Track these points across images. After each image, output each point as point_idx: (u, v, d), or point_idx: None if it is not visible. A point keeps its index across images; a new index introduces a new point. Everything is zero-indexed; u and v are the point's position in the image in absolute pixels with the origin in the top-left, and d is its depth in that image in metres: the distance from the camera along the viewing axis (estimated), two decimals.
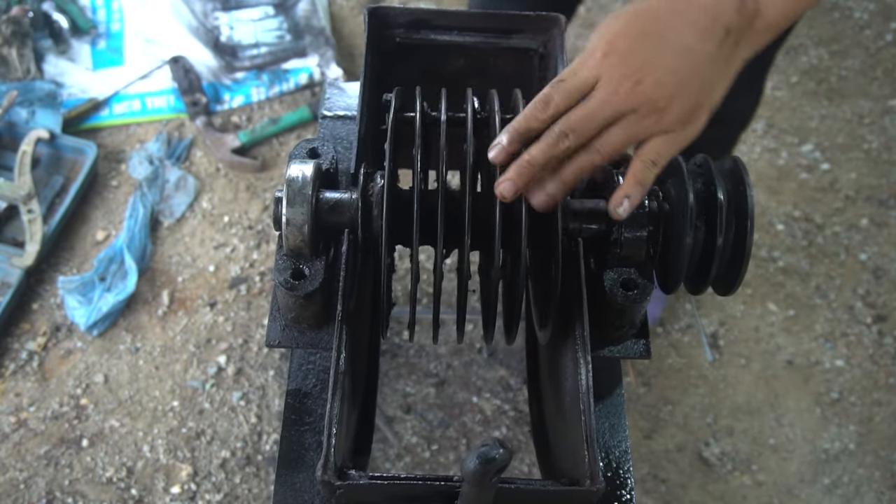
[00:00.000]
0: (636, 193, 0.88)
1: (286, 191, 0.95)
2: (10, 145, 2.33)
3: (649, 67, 0.81)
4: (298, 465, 1.07)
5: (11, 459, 1.99)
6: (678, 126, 0.84)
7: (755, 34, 0.84)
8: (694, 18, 0.82)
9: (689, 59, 0.81)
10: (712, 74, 0.83)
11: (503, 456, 0.75)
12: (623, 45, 0.82)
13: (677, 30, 0.82)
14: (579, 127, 0.84)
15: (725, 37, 0.82)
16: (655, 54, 0.81)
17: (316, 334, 1.06)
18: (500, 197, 0.87)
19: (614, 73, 0.82)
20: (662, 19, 0.82)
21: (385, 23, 1.22)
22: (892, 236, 2.46)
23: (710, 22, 0.81)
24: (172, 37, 2.64)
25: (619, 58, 0.82)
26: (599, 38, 0.83)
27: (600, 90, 0.82)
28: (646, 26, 0.82)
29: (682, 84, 0.82)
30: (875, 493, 2.10)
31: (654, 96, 0.81)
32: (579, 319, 0.98)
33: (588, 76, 0.83)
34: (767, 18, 0.83)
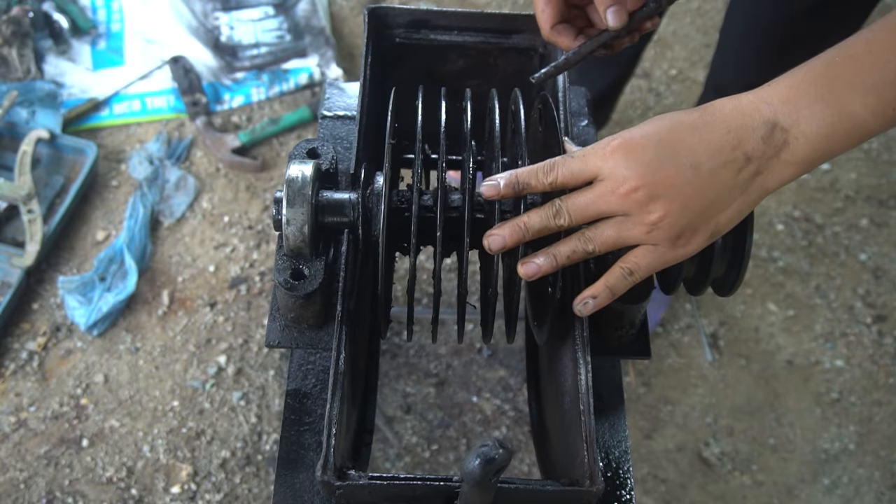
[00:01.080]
0: (603, 297, 0.91)
1: (286, 191, 0.95)
2: (11, 145, 2.33)
3: (651, 177, 0.80)
4: (298, 465, 1.06)
5: (11, 459, 1.99)
6: (666, 243, 0.84)
7: (782, 166, 0.80)
8: (714, 139, 0.80)
9: (696, 180, 0.80)
10: (720, 200, 0.81)
11: (503, 456, 0.75)
12: (634, 147, 0.81)
13: (693, 147, 0.80)
14: (575, 212, 0.85)
15: (745, 164, 0.79)
16: (661, 166, 0.80)
17: (316, 334, 1.06)
18: (487, 248, 0.90)
19: (616, 173, 0.81)
20: (682, 133, 0.81)
21: (385, 23, 1.22)
22: (892, 236, 2.46)
23: (730, 147, 0.79)
24: (172, 37, 2.64)
25: (625, 158, 0.81)
26: (617, 136, 0.83)
27: (600, 184, 0.82)
28: (664, 136, 0.81)
29: (680, 203, 0.80)
30: (875, 493, 2.10)
31: (646, 208, 0.81)
32: (579, 320, 0.98)
33: (593, 166, 0.83)
34: (797, 153, 0.79)
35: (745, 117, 0.80)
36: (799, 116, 0.79)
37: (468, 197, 0.95)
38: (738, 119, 0.80)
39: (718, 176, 0.80)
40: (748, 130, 0.79)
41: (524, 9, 2.89)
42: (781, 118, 0.79)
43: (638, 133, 0.82)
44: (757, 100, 0.81)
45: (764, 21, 1.71)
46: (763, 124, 0.79)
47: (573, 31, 1.02)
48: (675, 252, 0.85)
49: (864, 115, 0.78)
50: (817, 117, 0.78)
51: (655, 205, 0.80)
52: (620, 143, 0.81)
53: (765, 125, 0.79)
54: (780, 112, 0.79)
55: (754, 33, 1.77)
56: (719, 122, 0.80)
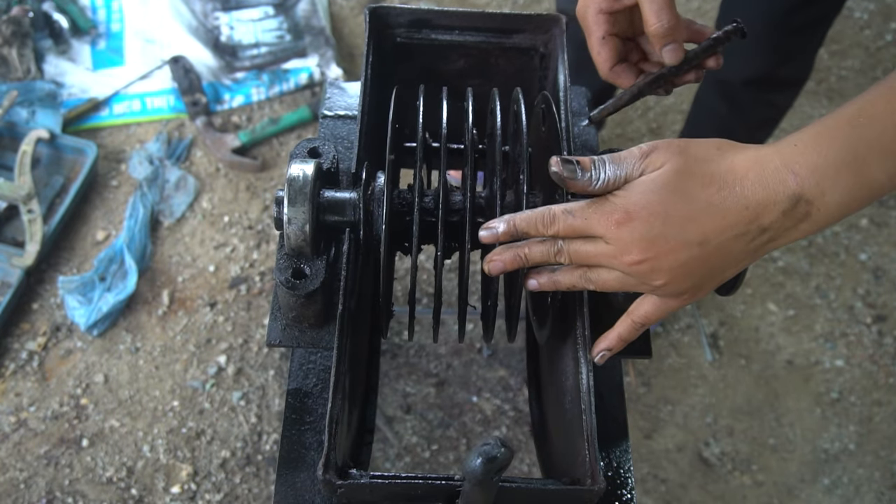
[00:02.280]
0: (617, 348, 0.93)
1: (287, 190, 0.95)
2: (11, 145, 2.33)
3: (654, 252, 0.79)
4: (299, 464, 1.06)
5: (11, 459, 1.99)
6: (671, 297, 0.85)
7: (796, 233, 0.78)
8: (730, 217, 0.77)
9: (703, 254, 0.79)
10: (726, 265, 0.81)
11: (505, 455, 0.75)
12: (639, 223, 0.79)
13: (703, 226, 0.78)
14: (577, 258, 0.85)
15: (759, 235, 0.78)
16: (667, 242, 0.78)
17: (317, 333, 1.06)
18: (487, 271, 0.90)
19: (621, 244, 0.80)
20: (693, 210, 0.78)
21: (386, 22, 1.22)
22: (892, 236, 2.46)
23: (745, 221, 0.77)
24: (172, 37, 2.64)
25: (630, 233, 0.79)
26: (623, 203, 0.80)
27: (605, 247, 0.82)
28: (671, 211, 0.78)
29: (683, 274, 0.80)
30: (875, 493, 2.10)
31: (649, 277, 0.81)
32: (580, 319, 0.98)
33: (596, 230, 0.81)
34: (815, 223, 0.77)
35: (769, 191, 0.76)
36: (824, 188, 0.75)
37: (469, 204, 0.95)
38: (759, 194, 0.76)
39: (727, 247, 0.78)
40: (769, 205, 0.76)
41: (525, 9, 2.89)
42: (807, 191, 0.76)
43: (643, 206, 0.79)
44: (783, 167, 0.76)
45: (759, 14, 1.72)
46: (787, 199, 0.76)
47: (633, 72, 1.02)
48: (682, 304, 0.86)
49: (882, 180, 0.76)
50: (842, 187, 0.75)
51: (658, 275, 0.81)
52: (625, 216, 0.79)
53: (789, 199, 0.76)
54: (806, 184, 0.75)
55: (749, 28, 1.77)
56: (738, 197, 0.77)
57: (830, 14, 1.73)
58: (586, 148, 1.32)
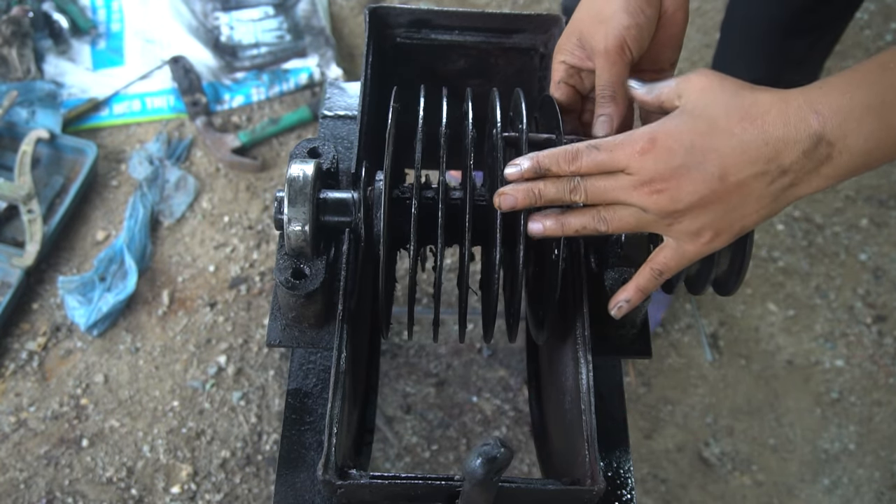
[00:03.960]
0: (636, 299, 0.94)
1: (287, 190, 0.95)
2: (10, 145, 2.33)
3: (675, 182, 0.79)
4: (299, 464, 1.06)
5: (11, 459, 1.99)
6: (687, 240, 0.84)
7: (818, 178, 0.77)
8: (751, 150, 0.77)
9: (721, 189, 0.78)
10: (745, 207, 0.80)
11: (504, 455, 0.75)
12: (664, 151, 0.80)
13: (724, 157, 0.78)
14: (593, 194, 0.85)
15: (780, 177, 0.77)
16: (688, 172, 0.79)
17: (317, 334, 1.06)
18: (496, 205, 0.90)
19: (643, 173, 0.81)
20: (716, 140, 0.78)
21: (385, 22, 1.22)
22: (892, 236, 2.46)
23: (766, 159, 0.76)
24: (172, 37, 2.64)
25: (654, 162, 0.80)
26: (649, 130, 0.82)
27: (626, 179, 0.82)
28: (696, 140, 0.79)
29: (703, 208, 0.80)
30: (875, 493, 2.10)
31: (669, 209, 0.81)
32: (580, 319, 0.98)
33: (620, 161, 0.82)
34: (837, 167, 0.76)
35: (789, 128, 0.76)
36: (847, 130, 0.74)
37: (469, 196, 0.95)
38: (780, 129, 0.76)
39: (747, 186, 0.78)
40: (790, 143, 0.75)
41: (525, 8, 2.89)
42: (829, 131, 0.75)
43: (668, 132, 0.80)
44: (806, 105, 0.76)
45: (763, 18, 1.72)
46: (808, 137, 0.75)
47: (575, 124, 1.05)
48: (700, 249, 0.85)
49: None
50: (866, 131, 0.74)
51: (677, 206, 0.80)
52: (650, 145, 0.80)
53: (810, 139, 0.75)
54: (828, 124, 0.74)
55: (754, 30, 1.77)
56: (759, 131, 0.77)
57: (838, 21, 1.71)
58: None
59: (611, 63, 0.93)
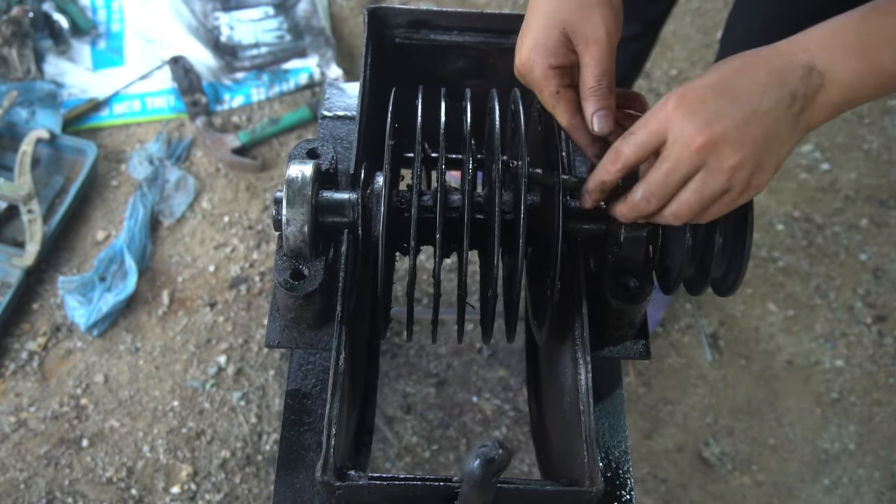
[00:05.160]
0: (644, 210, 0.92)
1: (286, 191, 0.95)
2: (11, 145, 2.33)
3: (720, 126, 0.81)
4: (298, 465, 1.06)
5: (11, 459, 1.99)
6: (744, 185, 0.85)
7: (818, 107, 0.83)
8: (761, 80, 0.82)
9: (756, 115, 0.81)
10: (778, 135, 0.83)
11: (503, 457, 0.75)
12: (693, 98, 0.82)
13: (745, 88, 0.82)
14: (658, 191, 0.86)
15: (792, 102, 0.82)
16: (725, 108, 0.82)
17: (315, 334, 1.06)
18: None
19: (686, 126, 0.82)
20: (731, 79, 0.83)
21: (384, 23, 1.22)
22: (892, 236, 2.46)
23: (776, 85, 0.82)
24: (172, 37, 2.64)
25: (689, 110, 0.82)
26: (670, 94, 0.84)
27: (673, 146, 0.83)
28: (715, 83, 0.83)
29: (750, 139, 0.82)
30: (875, 493, 2.10)
31: (722, 155, 0.82)
32: (579, 320, 0.98)
33: (658, 128, 0.84)
34: (830, 96, 0.82)
35: (784, 60, 0.83)
36: (833, 63, 0.81)
37: (468, 199, 0.95)
38: (777, 61, 0.83)
39: (774, 112, 0.82)
40: (788, 72, 0.82)
41: (524, 9, 2.88)
42: (818, 63, 0.82)
43: (692, 87, 0.83)
44: (793, 45, 0.84)
45: (765, 27, 1.71)
46: (801, 66, 0.82)
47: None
48: (748, 194, 0.86)
49: (893, 68, 0.81)
50: (850, 66, 0.81)
51: (728, 150, 0.82)
52: (679, 99, 0.83)
53: (802, 67, 0.82)
54: (816, 57, 0.82)
55: (755, 39, 1.77)
56: (761, 64, 0.83)
57: None
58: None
59: (609, 51, 0.92)
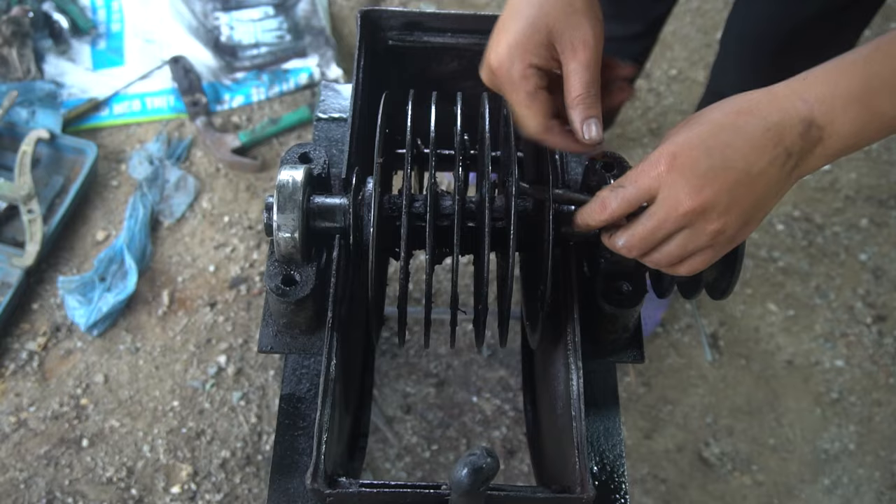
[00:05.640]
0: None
1: (277, 196, 0.95)
2: (11, 145, 2.33)
3: (710, 185, 0.80)
4: (292, 470, 1.07)
5: (11, 459, 1.99)
6: (727, 242, 0.85)
7: (813, 159, 0.81)
8: (757, 138, 0.80)
9: (749, 177, 0.80)
10: (767, 194, 0.82)
11: (491, 465, 0.75)
12: (686, 161, 0.81)
13: (739, 149, 0.80)
14: (640, 244, 0.86)
15: (786, 160, 0.80)
16: (717, 171, 0.80)
17: (308, 339, 1.06)
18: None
19: (675, 189, 0.81)
20: (725, 137, 0.81)
21: (378, 25, 1.22)
22: (892, 236, 2.45)
23: (772, 144, 0.80)
24: (172, 37, 2.63)
25: (681, 173, 0.81)
26: (663, 150, 0.82)
27: (661, 206, 0.82)
28: (709, 142, 0.81)
29: (739, 204, 0.81)
30: (875, 493, 2.10)
31: (708, 218, 0.81)
32: (571, 325, 0.98)
33: (649, 186, 0.83)
34: (828, 148, 0.81)
35: (783, 113, 0.80)
36: (834, 116, 0.79)
37: (459, 209, 0.95)
38: (776, 115, 0.80)
39: (767, 174, 0.81)
40: (786, 127, 0.80)
41: None
42: (818, 116, 0.79)
43: (684, 144, 0.81)
44: (793, 95, 0.81)
45: (763, 29, 1.70)
46: (800, 122, 0.79)
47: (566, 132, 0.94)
48: (731, 246, 0.86)
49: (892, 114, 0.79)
50: (850, 117, 0.79)
51: (715, 214, 0.81)
52: (672, 160, 0.81)
53: (802, 122, 0.79)
54: (816, 110, 0.79)
55: (754, 41, 1.76)
56: (758, 119, 0.80)
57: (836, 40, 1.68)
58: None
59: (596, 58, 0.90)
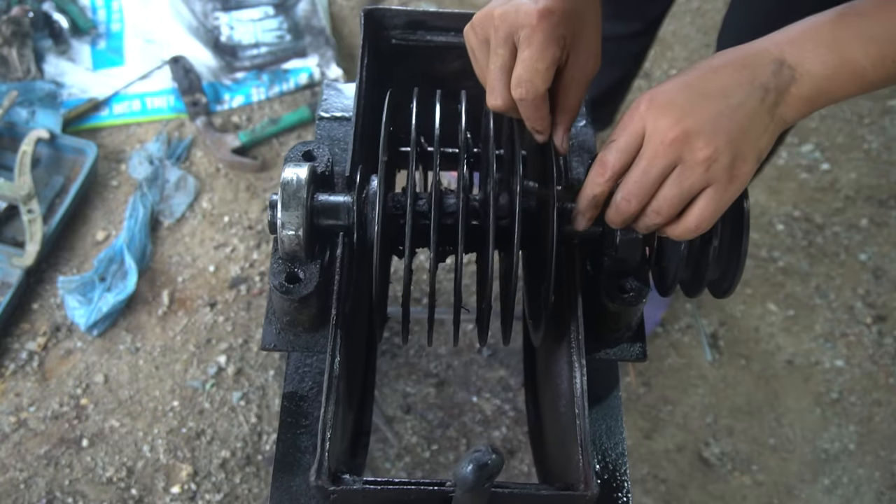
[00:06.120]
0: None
1: (281, 194, 0.95)
2: (11, 145, 2.33)
3: (691, 113, 0.83)
4: (294, 468, 1.06)
5: (11, 459, 1.99)
6: (724, 177, 0.84)
7: (792, 100, 0.85)
8: (731, 75, 0.84)
9: (728, 109, 0.83)
10: (753, 126, 0.84)
11: (496, 462, 0.75)
12: (665, 97, 0.84)
13: (717, 84, 0.84)
14: (636, 189, 0.87)
15: (765, 95, 0.84)
16: (697, 103, 0.83)
17: (312, 337, 1.06)
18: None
19: (659, 123, 0.83)
20: (703, 76, 0.85)
21: (381, 24, 1.22)
22: (892, 236, 2.46)
23: (748, 80, 0.84)
24: (172, 37, 2.64)
25: (661, 108, 0.84)
26: (642, 96, 0.86)
27: (648, 143, 0.85)
28: (687, 81, 0.85)
29: (724, 130, 0.83)
30: (875, 493, 2.10)
31: (695, 146, 0.82)
32: (574, 322, 0.98)
33: (635, 128, 0.85)
34: (802, 88, 0.84)
35: (756, 55, 0.85)
36: (803, 57, 0.84)
37: (463, 206, 0.95)
38: (749, 57, 0.85)
39: (747, 105, 0.83)
40: (759, 67, 0.84)
41: None
42: (787, 57, 0.84)
43: (663, 88, 0.86)
44: (765, 42, 0.87)
45: (761, 28, 1.71)
46: (772, 61, 0.84)
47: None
48: (733, 186, 0.86)
49: (864, 64, 0.83)
50: (820, 60, 0.83)
51: (702, 141, 0.82)
52: (650, 99, 0.85)
53: (773, 62, 0.84)
54: (786, 52, 0.84)
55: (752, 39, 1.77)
56: (733, 60, 0.86)
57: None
58: (583, 149, 1.32)
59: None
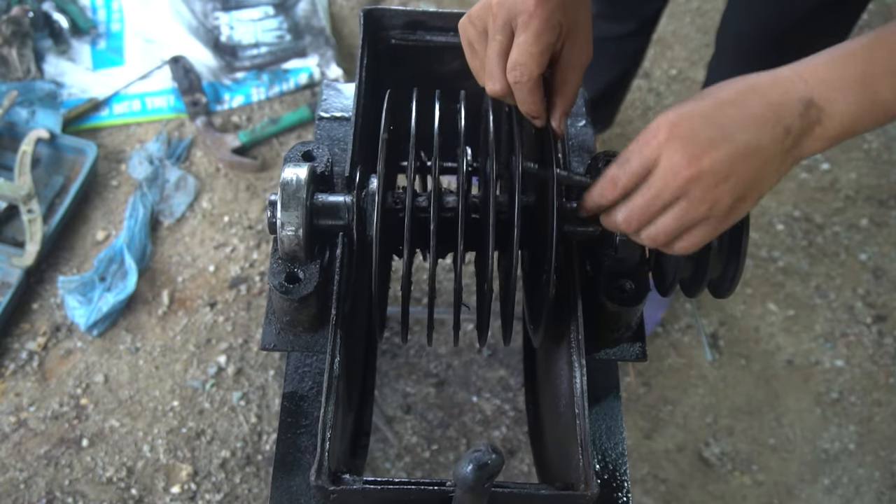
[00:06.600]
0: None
1: (280, 194, 0.95)
2: (11, 145, 2.33)
3: (709, 152, 0.81)
4: (294, 468, 1.07)
5: (11, 459, 1.99)
6: (723, 216, 0.85)
7: (812, 141, 0.83)
8: (757, 113, 0.82)
9: (746, 151, 0.81)
10: (764, 171, 0.83)
11: (496, 461, 0.75)
12: (686, 129, 0.82)
13: (739, 122, 0.82)
14: (639, 215, 0.87)
15: (785, 137, 0.81)
16: (716, 141, 0.81)
17: (311, 337, 1.06)
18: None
19: (674, 157, 0.82)
20: (726, 111, 0.83)
21: (381, 24, 1.22)
22: (892, 236, 2.46)
23: (772, 120, 0.81)
24: (172, 37, 2.64)
25: (681, 141, 0.82)
26: (663, 119, 0.84)
27: (660, 172, 0.83)
28: (708, 114, 0.83)
29: (736, 174, 0.82)
30: (875, 493, 2.10)
31: (708, 183, 0.82)
32: (574, 322, 0.98)
33: (651, 155, 0.84)
34: (827, 129, 0.82)
35: (784, 92, 0.82)
36: (833, 98, 0.81)
37: (463, 200, 0.95)
38: (777, 94, 0.82)
39: (766, 150, 0.82)
40: (786, 106, 0.81)
41: None
42: (817, 97, 0.81)
43: (684, 115, 0.83)
44: (794, 76, 0.83)
45: (759, 27, 1.71)
46: (799, 101, 0.81)
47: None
48: (729, 221, 0.86)
49: (889, 98, 0.81)
50: (850, 99, 0.81)
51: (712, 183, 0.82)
52: (671, 128, 0.82)
53: (801, 102, 0.81)
54: (815, 90, 0.81)
55: (750, 39, 1.77)
56: (759, 96, 0.82)
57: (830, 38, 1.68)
58: (583, 149, 1.32)
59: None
